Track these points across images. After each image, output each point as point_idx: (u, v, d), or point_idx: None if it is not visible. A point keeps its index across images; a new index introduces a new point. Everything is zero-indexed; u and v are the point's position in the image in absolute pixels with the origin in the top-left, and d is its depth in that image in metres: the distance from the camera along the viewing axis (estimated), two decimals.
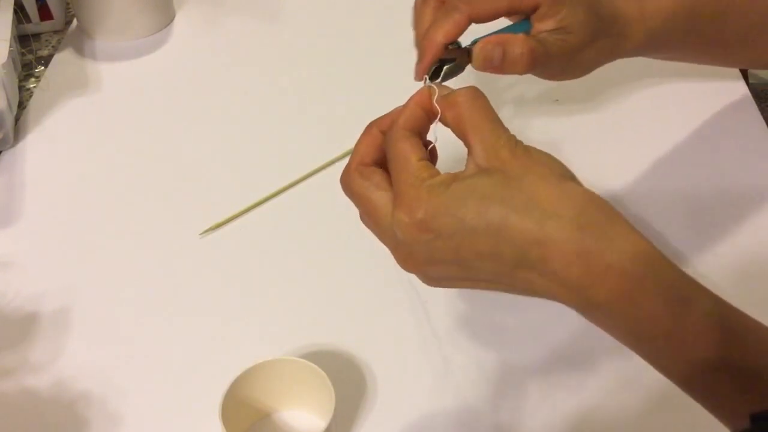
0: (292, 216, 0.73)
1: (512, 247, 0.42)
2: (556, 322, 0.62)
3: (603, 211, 0.43)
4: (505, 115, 0.79)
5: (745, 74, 0.84)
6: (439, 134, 0.48)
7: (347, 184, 0.49)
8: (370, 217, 0.48)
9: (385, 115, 0.50)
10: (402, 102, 0.49)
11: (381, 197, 0.47)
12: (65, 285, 0.67)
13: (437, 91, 0.48)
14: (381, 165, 0.48)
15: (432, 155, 0.48)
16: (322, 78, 0.88)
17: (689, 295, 0.42)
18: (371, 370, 0.60)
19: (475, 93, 0.46)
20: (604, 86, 0.83)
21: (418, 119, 0.48)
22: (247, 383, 0.54)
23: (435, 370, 0.60)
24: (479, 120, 0.45)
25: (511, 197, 0.42)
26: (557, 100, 0.81)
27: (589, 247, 0.41)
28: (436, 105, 0.47)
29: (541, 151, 0.45)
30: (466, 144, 0.46)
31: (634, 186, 0.72)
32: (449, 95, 0.47)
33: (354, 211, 0.72)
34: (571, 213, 0.42)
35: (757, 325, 0.43)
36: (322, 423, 0.51)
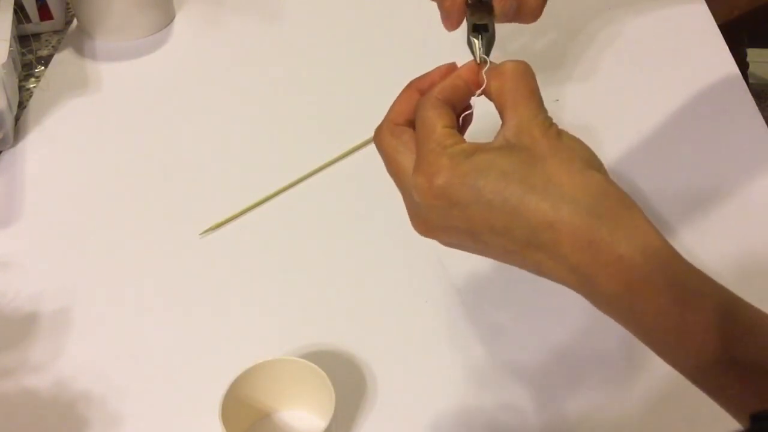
0: (292, 216, 0.73)
1: (525, 227, 0.42)
2: (556, 322, 0.62)
3: (620, 202, 0.42)
4: None
5: (745, 74, 0.84)
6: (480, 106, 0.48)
7: (378, 140, 0.49)
8: (394, 175, 0.48)
9: (425, 75, 0.50)
10: None
11: (406, 158, 0.47)
12: (65, 285, 0.67)
13: (488, 64, 0.48)
14: (414, 125, 0.48)
15: (464, 123, 0.49)
16: (322, 78, 0.88)
17: (699, 291, 0.42)
18: (371, 370, 0.60)
19: (524, 68, 0.46)
20: (605, 86, 0.83)
21: (457, 89, 0.48)
22: (247, 383, 0.54)
23: (435, 370, 0.60)
24: (521, 95, 0.45)
25: (531, 177, 0.42)
26: (557, 100, 0.81)
27: (602, 236, 0.41)
28: (484, 76, 0.47)
29: (573, 137, 0.45)
30: (502, 116, 0.46)
31: (634, 186, 0.72)
32: (498, 66, 0.47)
33: (354, 212, 0.72)
34: (588, 200, 0.41)
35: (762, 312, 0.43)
36: (322, 423, 0.51)
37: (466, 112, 0.48)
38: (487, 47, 0.51)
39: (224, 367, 0.54)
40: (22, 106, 0.86)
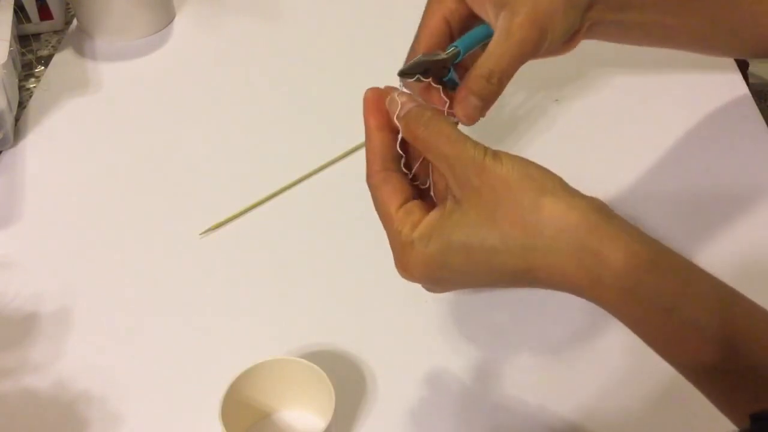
0: (292, 216, 0.73)
1: (506, 277, 0.45)
2: (556, 322, 0.62)
3: (588, 222, 0.42)
4: (505, 115, 0.79)
5: (745, 74, 0.84)
6: None
7: (370, 187, 0.50)
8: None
9: (371, 111, 0.49)
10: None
11: (392, 206, 0.48)
12: (65, 285, 0.67)
13: (398, 102, 0.48)
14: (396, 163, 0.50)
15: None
16: (322, 78, 0.88)
17: (692, 294, 0.42)
18: (371, 370, 0.60)
19: (422, 111, 0.47)
20: (605, 86, 0.83)
21: (388, 145, 0.48)
22: (247, 383, 0.54)
23: (435, 370, 0.60)
24: (439, 144, 0.46)
25: (490, 237, 0.44)
26: (557, 100, 0.81)
27: (575, 269, 0.42)
28: (397, 122, 0.48)
29: (513, 161, 0.44)
30: (440, 168, 0.47)
31: (634, 186, 0.72)
32: (406, 115, 0.47)
33: (354, 212, 0.72)
34: (548, 240, 0.42)
35: (764, 314, 0.43)
36: (322, 423, 0.51)
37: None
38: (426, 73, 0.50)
39: (224, 367, 0.54)
40: (22, 106, 0.86)
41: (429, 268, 0.46)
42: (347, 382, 0.59)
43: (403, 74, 0.49)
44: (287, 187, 0.75)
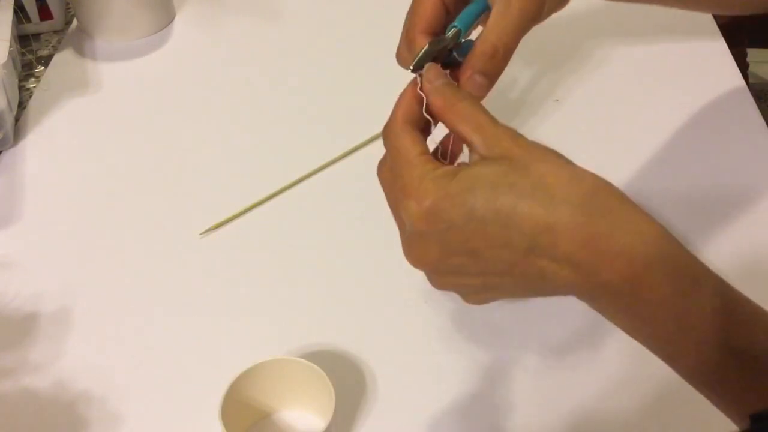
0: (292, 216, 0.73)
1: (522, 235, 0.41)
2: (556, 322, 0.62)
3: (612, 194, 0.42)
4: (505, 115, 0.79)
5: (745, 74, 0.84)
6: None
7: (392, 135, 0.48)
8: (403, 175, 0.46)
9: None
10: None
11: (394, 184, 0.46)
12: (65, 285, 0.67)
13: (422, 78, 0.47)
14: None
15: (443, 153, 0.48)
16: (322, 77, 0.88)
17: (699, 280, 0.42)
18: (371, 370, 0.60)
19: (463, 95, 0.46)
20: (605, 86, 0.83)
21: (416, 113, 0.47)
22: (247, 383, 0.54)
23: (435, 370, 0.60)
24: (473, 111, 0.45)
25: (519, 183, 0.42)
26: (557, 100, 0.81)
27: (600, 231, 0.41)
28: (421, 93, 0.47)
29: (541, 144, 0.44)
30: (464, 138, 0.45)
31: (634, 186, 0.72)
32: (438, 87, 0.47)
33: (354, 211, 0.72)
34: (580, 197, 0.41)
35: (764, 312, 0.42)
36: (322, 423, 0.51)
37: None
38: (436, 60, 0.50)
39: (224, 367, 0.54)
40: (22, 106, 0.86)
41: (446, 201, 0.42)
42: (347, 382, 0.59)
43: (416, 68, 0.49)
44: (287, 187, 0.75)
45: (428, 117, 0.47)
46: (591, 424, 0.56)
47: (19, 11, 0.92)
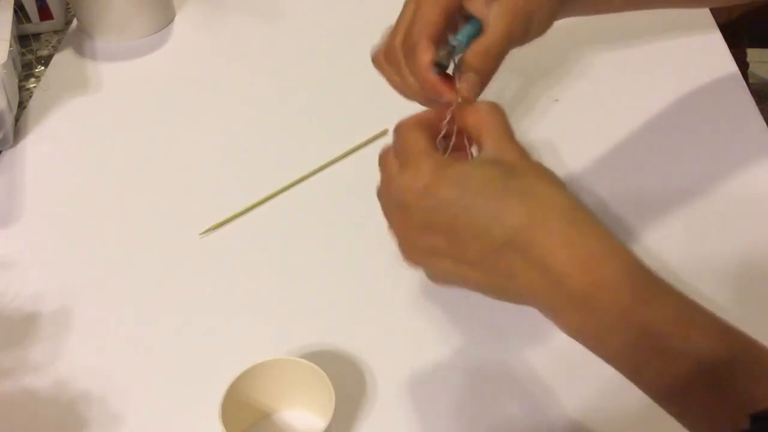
0: (291, 216, 0.73)
1: (503, 227, 0.44)
2: None
3: (590, 214, 0.45)
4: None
5: (745, 74, 0.84)
6: None
7: (405, 129, 0.50)
8: (405, 162, 0.49)
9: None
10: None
11: (394, 165, 0.49)
12: (65, 285, 0.67)
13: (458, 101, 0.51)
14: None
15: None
16: (322, 78, 0.88)
17: (660, 292, 0.43)
18: (371, 370, 0.60)
19: (497, 107, 0.50)
20: (605, 86, 0.83)
21: (433, 124, 0.50)
22: (247, 383, 0.54)
23: (435, 370, 0.60)
24: (496, 127, 0.49)
25: (511, 185, 0.45)
26: (557, 99, 0.81)
27: (574, 238, 0.43)
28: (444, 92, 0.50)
29: (545, 166, 0.47)
30: (479, 143, 0.49)
31: (634, 186, 0.72)
32: (474, 104, 0.50)
33: (354, 211, 0.72)
34: (562, 208, 0.44)
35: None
36: (322, 423, 0.51)
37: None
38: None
39: (224, 367, 0.54)
40: (22, 106, 0.86)
41: (441, 178, 0.45)
42: (347, 382, 0.59)
43: (439, 64, 0.51)
44: (287, 187, 0.75)
45: (446, 123, 0.50)
46: (591, 423, 0.56)
47: (19, 11, 0.92)
